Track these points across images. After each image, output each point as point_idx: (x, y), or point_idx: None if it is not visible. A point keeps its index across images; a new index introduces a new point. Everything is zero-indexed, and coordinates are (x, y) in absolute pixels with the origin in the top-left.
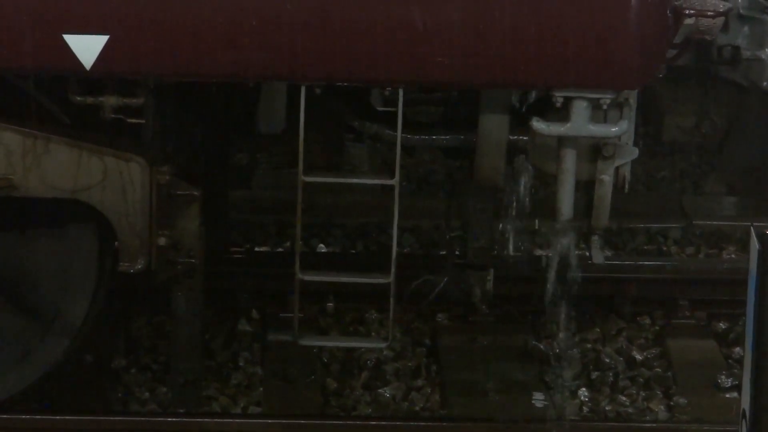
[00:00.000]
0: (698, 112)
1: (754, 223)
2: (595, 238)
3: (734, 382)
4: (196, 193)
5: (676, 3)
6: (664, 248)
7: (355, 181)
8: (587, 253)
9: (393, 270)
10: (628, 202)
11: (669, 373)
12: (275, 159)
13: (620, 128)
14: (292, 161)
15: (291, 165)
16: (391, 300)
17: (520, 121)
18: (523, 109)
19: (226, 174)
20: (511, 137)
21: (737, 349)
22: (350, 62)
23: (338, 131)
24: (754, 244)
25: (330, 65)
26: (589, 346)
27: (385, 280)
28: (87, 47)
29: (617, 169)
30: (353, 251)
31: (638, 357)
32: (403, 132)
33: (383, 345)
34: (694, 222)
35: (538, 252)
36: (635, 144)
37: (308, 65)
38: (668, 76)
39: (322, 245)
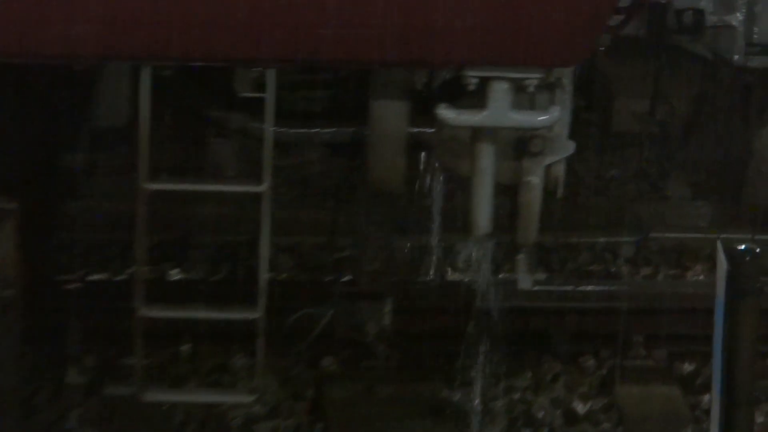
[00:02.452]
0: (654, 95)
1: (722, 236)
2: (521, 258)
3: None
4: (10, 206)
5: None
6: (613, 269)
7: (212, 188)
8: (513, 277)
9: (262, 302)
10: (565, 210)
11: (620, 430)
12: (116, 161)
13: (551, 116)
14: (137, 163)
15: (136, 168)
16: (260, 340)
17: (423, 109)
18: (427, 94)
19: (51, 181)
20: (411, 129)
21: (707, 398)
22: (206, 36)
23: (194, 124)
24: (722, 263)
25: (180, 40)
26: (517, 396)
27: (253, 315)
28: None
29: (548, 168)
30: (214, 278)
31: (580, 410)
32: (275, 124)
33: (251, 399)
34: (650, 234)
35: (451, 276)
36: (571, 136)
37: (151, 41)
38: (614, 48)
39: (175, 271)
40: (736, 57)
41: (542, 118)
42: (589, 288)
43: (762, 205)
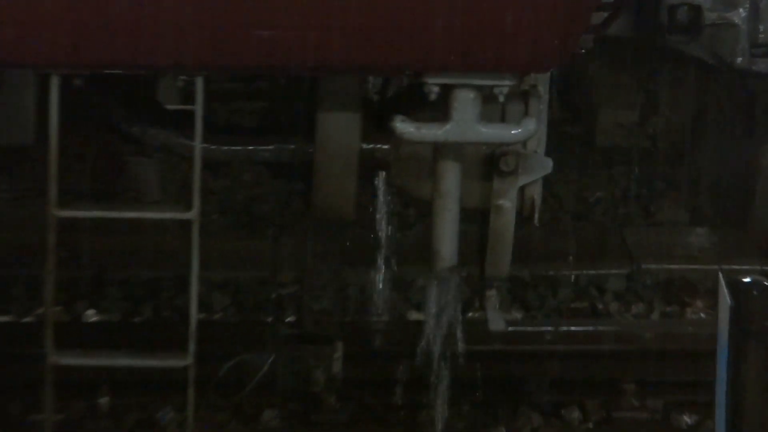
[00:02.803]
0: (644, 104)
1: (725, 267)
2: (491, 294)
3: None
4: None
5: None
6: (600, 306)
7: (133, 215)
8: (483, 316)
9: (192, 347)
10: (543, 238)
11: None
12: (21, 184)
13: (525, 130)
14: (45, 187)
15: (43, 193)
16: (190, 391)
17: (377, 122)
18: (382, 105)
19: None
20: (364, 146)
21: None
22: (124, 40)
23: (111, 142)
24: (725, 298)
25: (95, 44)
26: None
27: (182, 363)
28: None
29: (522, 190)
30: (137, 319)
31: None
32: (205, 140)
33: None
34: (643, 266)
35: (411, 316)
36: (549, 153)
37: (60, 45)
38: (598, 51)
39: (91, 311)
40: (738, 60)
41: (515, 131)
42: (572, 328)
43: None
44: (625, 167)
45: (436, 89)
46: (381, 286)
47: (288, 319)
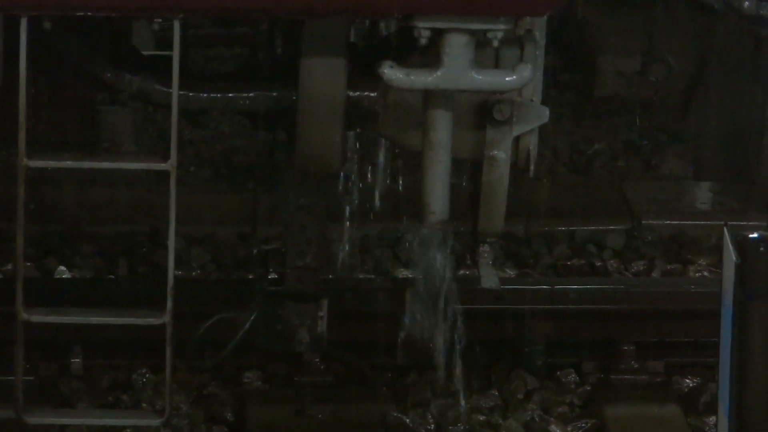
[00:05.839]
0: (646, 51)
1: (730, 223)
2: (485, 250)
3: None
4: None
5: None
6: (598, 263)
7: (107, 166)
8: (476, 273)
9: (170, 304)
10: (539, 192)
11: None
12: None
13: (520, 77)
14: (11, 136)
15: (12, 142)
16: (168, 351)
17: (364, 69)
18: (369, 50)
19: None
20: (351, 94)
21: (712, 420)
22: None
23: (84, 89)
24: (730, 254)
25: None
26: (482, 417)
27: (159, 321)
28: None
29: (517, 140)
30: (111, 276)
31: None
32: (185, 88)
33: (157, 422)
34: (643, 222)
35: (401, 272)
36: (545, 101)
37: None
38: None
39: (63, 268)
40: (746, 4)
41: (509, 78)
42: (569, 287)
43: None
44: (625, 118)
45: (426, 33)
46: (367, 242)
47: (270, 276)
